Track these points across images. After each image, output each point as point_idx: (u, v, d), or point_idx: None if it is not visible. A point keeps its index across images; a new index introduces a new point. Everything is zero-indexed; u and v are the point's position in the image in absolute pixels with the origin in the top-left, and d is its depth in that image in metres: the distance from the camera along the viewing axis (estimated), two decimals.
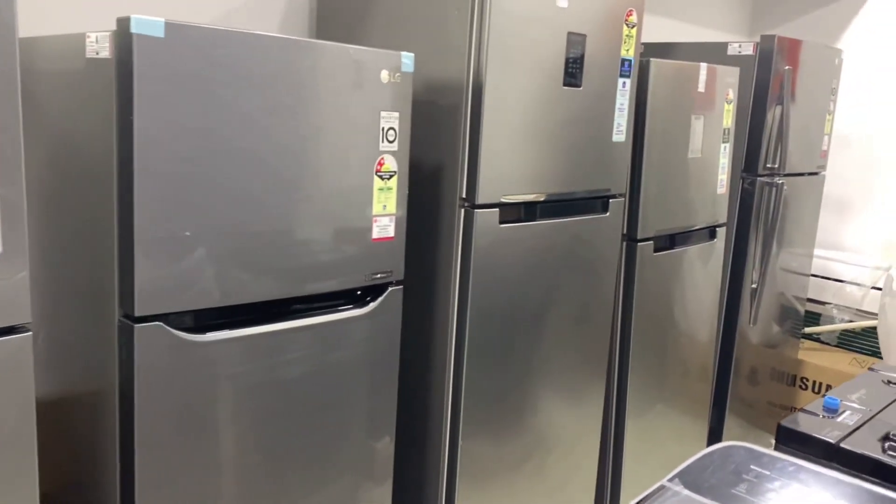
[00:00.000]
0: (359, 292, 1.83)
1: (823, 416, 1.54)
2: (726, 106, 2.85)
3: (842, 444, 1.44)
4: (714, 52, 3.14)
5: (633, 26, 2.29)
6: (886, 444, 1.44)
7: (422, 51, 2.04)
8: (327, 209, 1.68)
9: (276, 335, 1.64)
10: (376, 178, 1.77)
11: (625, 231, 2.57)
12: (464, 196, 1.99)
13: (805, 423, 1.48)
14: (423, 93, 2.05)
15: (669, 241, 2.74)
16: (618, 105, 2.31)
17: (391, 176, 1.79)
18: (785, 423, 1.44)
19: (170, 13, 2.12)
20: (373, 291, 1.84)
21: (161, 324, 1.47)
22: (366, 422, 1.86)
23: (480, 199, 1.99)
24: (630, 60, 2.31)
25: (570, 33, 2.09)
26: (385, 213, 1.80)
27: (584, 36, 2.13)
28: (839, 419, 1.53)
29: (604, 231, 2.39)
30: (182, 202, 1.45)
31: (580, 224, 2.29)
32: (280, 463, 1.70)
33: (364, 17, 2.19)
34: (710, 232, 2.95)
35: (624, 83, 2.31)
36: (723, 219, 2.98)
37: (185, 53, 1.41)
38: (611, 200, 2.39)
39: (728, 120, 2.88)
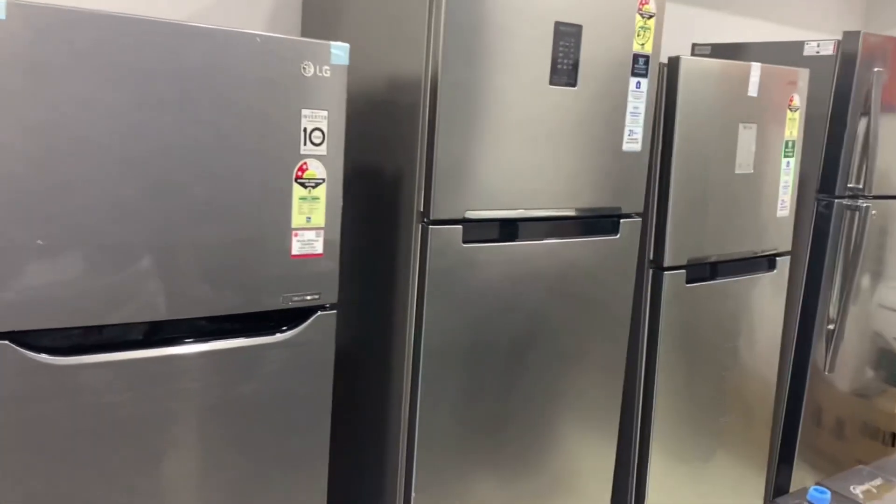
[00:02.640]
0: (281, 317, 1.60)
1: None
2: (790, 114, 2.42)
3: None
4: (788, 53, 2.70)
5: (649, 17, 1.95)
6: None
7: (385, 44, 1.80)
8: (226, 219, 1.47)
9: (161, 361, 1.45)
10: (297, 186, 1.54)
11: (651, 258, 2.21)
12: (421, 210, 1.73)
13: None
14: (385, 92, 1.81)
15: (710, 271, 2.34)
16: (630, 109, 1.97)
17: (318, 184, 1.56)
18: None
19: (148, 7, 1.99)
20: (298, 316, 1.61)
21: (8, 342, 1.30)
22: (287, 467, 1.63)
23: (437, 214, 1.71)
24: (645, 56, 1.97)
25: (558, 23, 1.79)
26: (309, 227, 1.57)
27: (577, 27, 1.82)
28: None
29: (613, 256, 2.05)
30: (30, 207, 1.28)
31: (578, 247, 1.96)
32: None
33: (341, 11, 1.98)
34: (769, 262, 2.51)
35: (638, 83, 1.97)
36: (786, 246, 2.53)
37: (32, 38, 1.24)
38: (622, 220, 2.05)
39: (792, 130, 2.44)
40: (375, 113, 1.85)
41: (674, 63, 2.11)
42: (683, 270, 2.23)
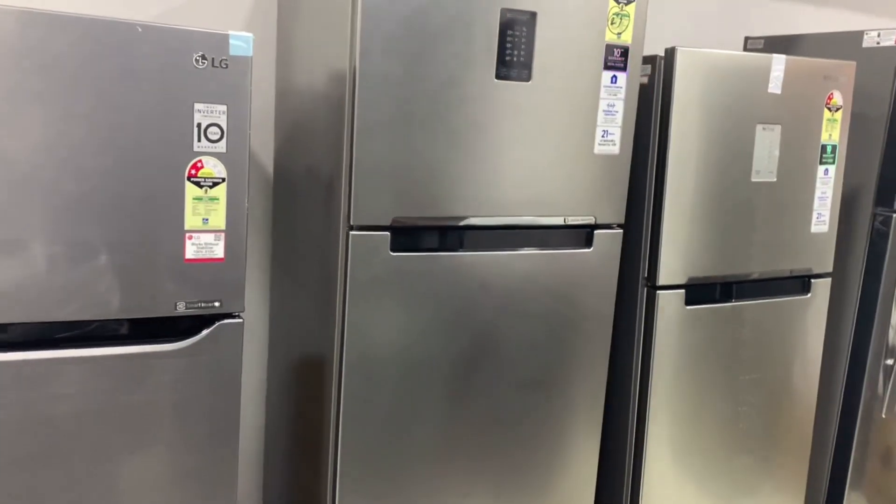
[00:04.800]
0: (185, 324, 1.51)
1: None
2: (828, 114, 2.10)
3: None
4: (845, 44, 2.36)
5: (627, 2, 1.72)
6: None
7: (318, 35, 1.68)
8: (106, 219, 1.39)
9: (38, 364, 1.39)
10: (190, 185, 1.44)
11: (645, 275, 1.97)
12: (348, 216, 1.59)
13: None
14: (322, 87, 1.68)
15: (721, 292, 2.06)
16: (603, 107, 1.75)
17: (216, 184, 1.46)
18: None
19: (107, 8, 1.97)
20: (202, 325, 1.52)
21: None
22: (189, 483, 1.54)
23: (359, 220, 1.57)
24: (623, 48, 1.74)
25: (504, 10, 1.60)
26: (206, 229, 1.47)
27: (530, 14, 1.62)
28: None
29: (586, 272, 1.83)
30: None
31: (537, 259, 1.76)
32: None
33: (299, 7, 1.88)
34: (803, 284, 2.18)
35: (614, 78, 1.74)
36: (824, 267, 2.19)
37: None
38: (597, 232, 1.82)
39: (832, 133, 2.12)
40: (313, 110, 1.73)
41: (669, 55, 1.86)
42: (682, 290, 1.97)
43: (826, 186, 2.14)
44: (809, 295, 2.18)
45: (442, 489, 1.76)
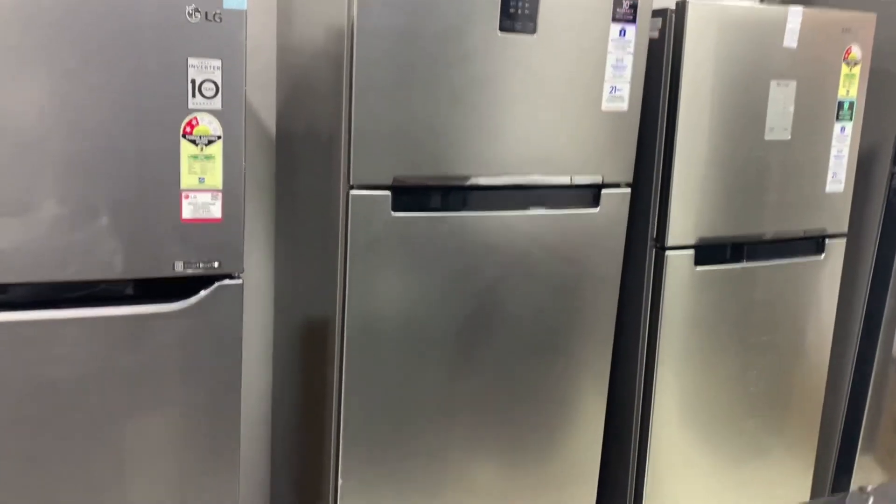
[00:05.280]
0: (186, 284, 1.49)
1: None
2: (846, 69, 2.03)
3: None
4: None
5: None
6: None
7: None
8: (101, 178, 1.36)
9: (36, 325, 1.37)
10: (185, 143, 1.41)
11: (653, 236, 1.92)
12: (348, 175, 1.55)
13: None
14: (322, 44, 1.64)
15: (732, 253, 2.01)
16: (611, 61, 1.69)
17: (211, 141, 1.43)
18: None
19: None
20: (201, 286, 1.49)
21: None
22: (191, 445, 1.53)
23: (359, 178, 1.54)
24: (631, 0, 1.68)
25: None
26: (203, 188, 1.44)
27: None
28: None
29: (593, 232, 1.79)
30: None
31: (543, 220, 1.72)
32: (43, 482, 1.43)
33: None
34: (817, 244, 2.13)
35: (622, 31, 1.69)
36: (839, 227, 2.14)
37: None
38: (604, 191, 1.78)
39: (850, 89, 2.05)
40: (313, 67, 1.69)
41: (680, 8, 1.80)
42: (691, 251, 1.92)
43: (842, 144, 2.08)
44: (823, 256, 2.13)
45: (446, 452, 1.74)
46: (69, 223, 1.36)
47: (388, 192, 1.56)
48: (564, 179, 1.72)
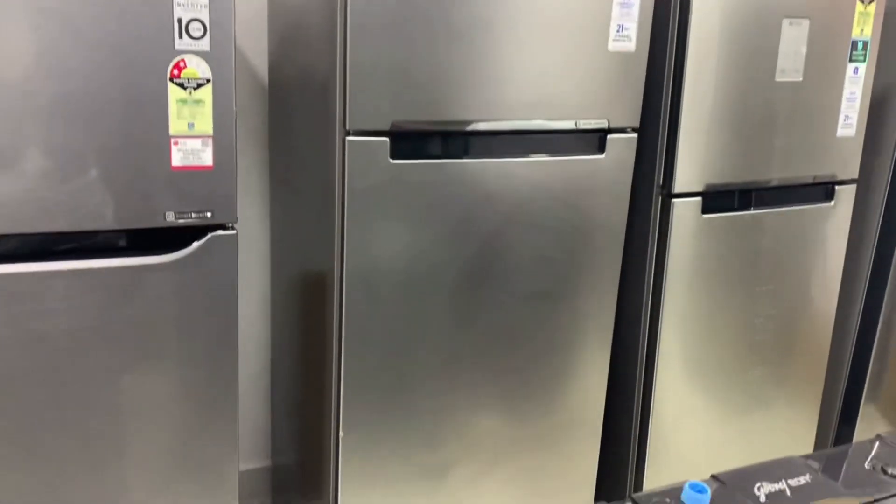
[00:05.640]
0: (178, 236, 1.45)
1: None
2: (861, 6, 1.95)
3: None
4: None
5: None
6: None
7: None
8: (85, 123, 1.30)
9: (22, 278, 1.33)
10: (173, 87, 1.35)
11: (660, 182, 1.87)
12: (344, 120, 1.49)
13: None
14: None
15: (739, 200, 1.96)
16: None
17: (200, 85, 1.36)
18: None
19: None
20: (194, 237, 1.45)
21: None
22: (187, 396, 1.50)
23: (356, 123, 1.48)
24: None
25: None
26: (193, 134, 1.38)
27: None
28: None
29: (598, 179, 1.73)
30: None
31: (547, 166, 1.66)
32: (34, 441, 1.40)
33: None
34: (826, 191, 2.08)
35: None
36: (849, 173, 2.09)
37: None
38: (610, 136, 1.72)
39: (864, 28, 1.97)
40: (305, 6, 1.61)
41: None
42: (699, 198, 1.87)
43: (855, 86, 2.01)
44: (832, 203, 2.08)
45: (448, 403, 1.72)
46: (55, 172, 1.31)
47: (385, 139, 1.50)
48: (569, 124, 1.66)
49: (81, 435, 1.43)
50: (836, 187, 2.08)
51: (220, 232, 1.45)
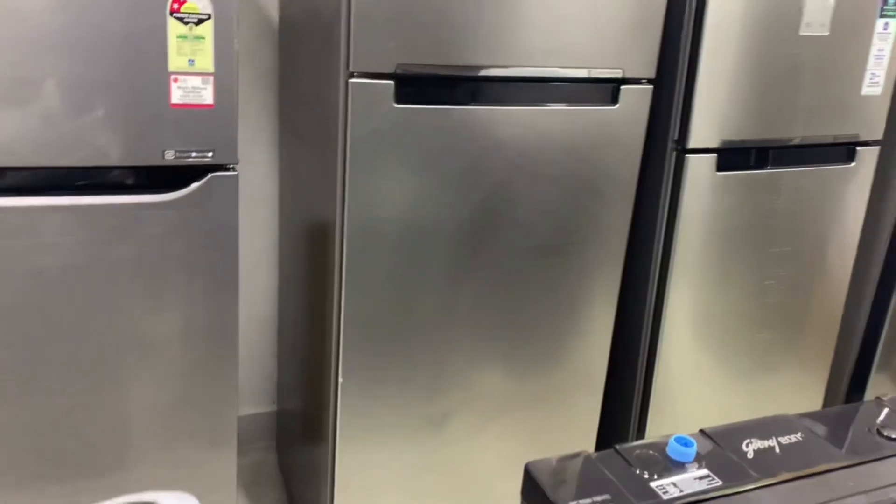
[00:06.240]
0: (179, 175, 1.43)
1: (645, 471, 0.81)
2: None
3: None
4: None
5: None
6: None
7: None
8: (84, 56, 1.28)
9: (19, 212, 1.32)
10: (173, 22, 1.32)
11: (675, 137, 1.82)
12: (347, 62, 1.46)
13: (588, 471, 0.81)
14: None
15: (756, 158, 1.91)
16: None
17: (201, 20, 1.33)
18: (532, 466, 0.81)
19: None
20: (195, 177, 1.43)
21: None
22: (186, 338, 1.50)
23: (359, 65, 1.44)
24: None
25: None
26: (193, 71, 1.36)
27: None
28: (664, 482, 0.80)
29: (609, 131, 1.69)
30: None
31: (557, 116, 1.62)
32: (32, 382, 1.41)
33: None
34: (847, 151, 2.02)
35: None
36: (873, 134, 2.02)
37: None
38: (623, 87, 1.67)
39: None
40: None
41: None
42: (714, 154, 1.82)
43: (884, 43, 1.93)
44: (853, 164, 2.02)
45: (448, 355, 1.71)
46: (53, 106, 1.29)
47: (390, 82, 1.47)
48: (582, 73, 1.61)
49: (78, 370, 1.44)
50: (858, 148, 2.01)
51: (221, 173, 1.44)
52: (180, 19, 1.32)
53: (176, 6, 1.31)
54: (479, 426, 1.81)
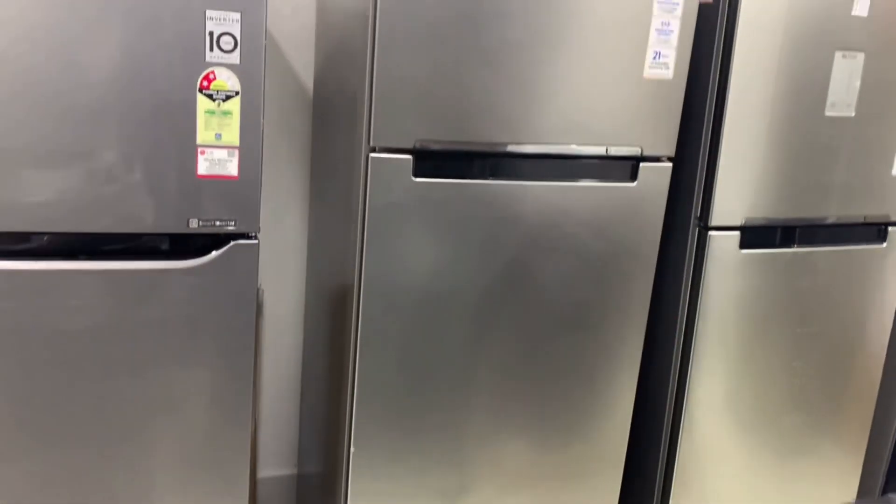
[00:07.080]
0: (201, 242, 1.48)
1: None
2: None
3: None
4: None
5: None
6: None
7: None
8: (114, 129, 1.35)
9: (43, 275, 1.38)
10: (202, 98, 1.39)
11: (697, 214, 1.82)
12: (368, 136, 1.51)
13: None
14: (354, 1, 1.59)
15: (781, 237, 1.89)
16: (656, 24, 1.59)
17: (229, 97, 1.40)
18: None
19: None
20: (216, 244, 1.48)
21: None
22: (201, 400, 1.53)
23: (380, 140, 1.49)
24: None
25: None
26: (219, 145, 1.42)
27: None
28: None
29: (629, 208, 1.70)
30: None
31: (575, 192, 1.64)
32: (57, 439, 1.45)
33: None
34: (879, 232, 1.99)
35: None
36: None
37: None
38: (643, 164, 1.68)
39: None
40: (344, 25, 1.64)
41: None
42: (737, 232, 1.81)
43: None
44: (885, 245, 1.98)
45: (465, 427, 1.70)
46: (84, 174, 1.36)
47: (409, 157, 1.51)
48: (599, 150, 1.63)
49: (97, 429, 1.47)
50: (890, 229, 1.98)
51: (243, 241, 1.48)
52: (209, 96, 1.39)
53: (205, 83, 1.38)
54: (496, 501, 1.78)
